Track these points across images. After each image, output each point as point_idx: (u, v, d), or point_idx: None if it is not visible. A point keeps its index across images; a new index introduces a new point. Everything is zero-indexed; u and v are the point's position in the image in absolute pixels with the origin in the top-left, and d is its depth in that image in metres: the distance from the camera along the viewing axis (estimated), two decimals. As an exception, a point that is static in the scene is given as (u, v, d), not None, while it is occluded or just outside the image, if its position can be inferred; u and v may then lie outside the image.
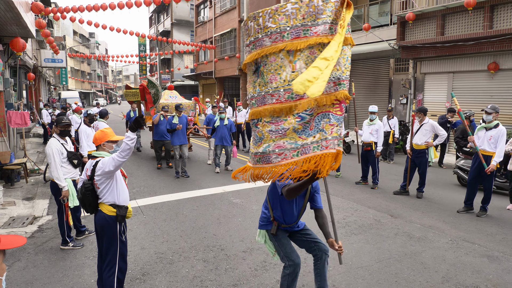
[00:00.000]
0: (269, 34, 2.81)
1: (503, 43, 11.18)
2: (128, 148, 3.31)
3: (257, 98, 2.95)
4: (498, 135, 6.47)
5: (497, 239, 5.53)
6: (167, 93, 11.90)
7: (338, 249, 3.35)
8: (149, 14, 50.73)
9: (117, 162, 3.32)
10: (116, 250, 3.47)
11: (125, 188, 3.60)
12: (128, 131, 3.36)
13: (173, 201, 7.31)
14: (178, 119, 9.45)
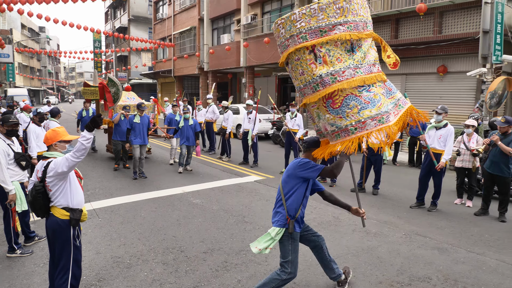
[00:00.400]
0: None
1: (451, 47, 11.81)
2: (84, 148, 3.17)
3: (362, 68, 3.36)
4: (447, 134, 6.81)
5: (446, 232, 5.82)
6: (124, 94, 11.52)
7: (362, 214, 3.80)
8: (105, 9, 49.07)
9: (71, 162, 3.17)
10: (70, 256, 3.32)
11: (79, 190, 3.45)
12: (84, 131, 3.22)
13: (130, 203, 7.11)
14: (140, 119, 9.17)
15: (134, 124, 9.09)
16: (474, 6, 11.18)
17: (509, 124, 6.31)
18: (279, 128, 15.34)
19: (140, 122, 9.13)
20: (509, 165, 6.36)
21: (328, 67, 3.31)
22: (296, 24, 3.27)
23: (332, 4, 3.23)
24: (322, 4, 3.23)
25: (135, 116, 9.19)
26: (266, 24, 20.95)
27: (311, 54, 3.30)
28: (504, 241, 5.47)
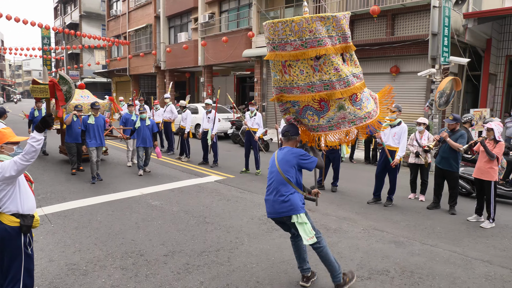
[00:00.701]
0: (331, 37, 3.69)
1: (403, 49, 12.32)
2: (34, 151, 2.98)
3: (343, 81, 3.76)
4: (401, 132, 7.09)
5: (401, 226, 6.05)
6: (78, 92, 10.84)
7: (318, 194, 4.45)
8: (53, 4, 46.82)
9: (20, 166, 2.96)
10: (21, 265, 3.10)
11: (30, 195, 3.24)
12: (34, 131, 3.03)
13: (85, 207, 6.81)
14: (95, 119, 8.68)
15: (89, 126, 8.60)
16: (423, 10, 11.72)
17: (456, 122, 6.66)
18: (238, 127, 15.32)
19: (95, 123, 8.66)
20: (458, 160, 6.72)
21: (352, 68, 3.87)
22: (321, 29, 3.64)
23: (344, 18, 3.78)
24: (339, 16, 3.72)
25: (89, 116, 8.67)
26: (224, 23, 20.86)
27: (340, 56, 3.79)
28: (454, 233, 5.76)
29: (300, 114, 4.05)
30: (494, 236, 5.63)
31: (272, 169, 4.02)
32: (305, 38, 3.61)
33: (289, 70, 3.83)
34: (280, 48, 3.73)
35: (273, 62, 3.88)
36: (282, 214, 3.89)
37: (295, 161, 3.94)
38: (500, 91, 14.30)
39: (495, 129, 5.99)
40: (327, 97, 3.84)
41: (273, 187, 3.97)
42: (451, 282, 4.23)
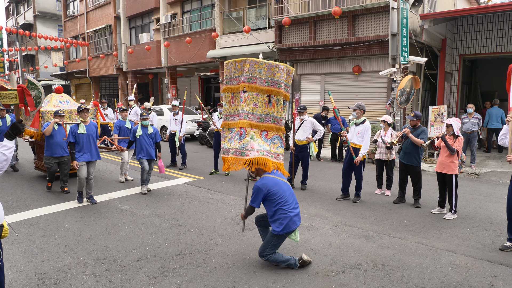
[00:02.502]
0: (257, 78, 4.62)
1: (364, 49, 12.68)
2: (5, 159, 2.85)
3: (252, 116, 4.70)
4: (364, 130, 7.30)
5: (370, 221, 6.26)
6: (55, 97, 9.15)
7: None
8: (5, 3, 44.54)
9: None
10: (-10, 277, 2.96)
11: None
12: (4, 139, 2.90)
13: (51, 214, 6.55)
14: (86, 128, 7.14)
15: (79, 136, 7.06)
16: (382, 11, 12.12)
17: (417, 118, 6.96)
18: (205, 128, 15.24)
19: (87, 133, 7.12)
20: (420, 155, 7.02)
21: (274, 111, 4.74)
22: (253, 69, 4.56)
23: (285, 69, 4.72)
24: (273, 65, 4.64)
25: (78, 125, 7.12)
26: (187, 24, 20.65)
27: (268, 97, 4.67)
28: (420, 225, 6.03)
29: (241, 134, 4.70)
30: (457, 227, 5.94)
31: (285, 185, 4.52)
32: (242, 75, 4.59)
33: (234, 100, 4.76)
34: (230, 83, 4.77)
35: (225, 94, 4.85)
36: None
37: None
38: (455, 88, 15.05)
39: (454, 125, 6.31)
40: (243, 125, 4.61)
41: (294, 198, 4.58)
42: (420, 272, 4.43)
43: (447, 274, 4.38)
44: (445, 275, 4.35)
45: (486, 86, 17.60)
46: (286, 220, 4.34)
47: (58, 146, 7.85)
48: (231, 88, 4.76)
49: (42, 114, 8.32)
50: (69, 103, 9.24)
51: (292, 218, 4.38)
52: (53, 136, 7.79)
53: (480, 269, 4.49)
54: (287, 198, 4.40)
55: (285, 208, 4.36)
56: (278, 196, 4.36)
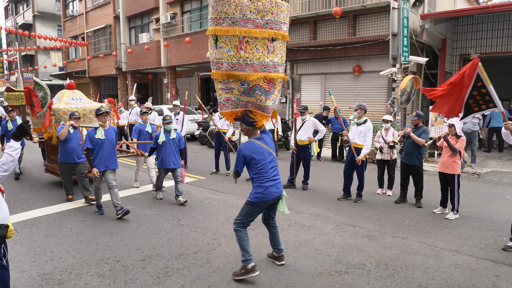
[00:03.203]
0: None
1: (365, 49, 12.70)
2: (12, 160, 2.85)
3: None
4: (366, 130, 7.31)
5: (372, 221, 6.26)
6: (67, 94, 8.38)
7: None
8: (4, 3, 44.47)
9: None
10: (-4, 277, 2.95)
11: (3, 204, 3.07)
12: (11, 141, 2.90)
13: (53, 214, 6.54)
14: (105, 132, 6.39)
15: (97, 142, 6.30)
16: (383, 11, 12.13)
17: (419, 117, 6.96)
18: (206, 128, 15.23)
19: (105, 138, 6.37)
20: (421, 155, 7.03)
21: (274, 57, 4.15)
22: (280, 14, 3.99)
23: None
24: None
25: (96, 129, 6.39)
26: (186, 24, 20.65)
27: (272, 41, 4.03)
28: (422, 225, 6.03)
29: (249, 93, 4.19)
30: (459, 227, 5.95)
31: (270, 155, 4.35)
32: (267, 19, 3.91)
33: (246, 47, 3.94)
34: (240, 24, 3.88)
35: (229, 37, 3.93)
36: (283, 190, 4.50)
37: None
38: (455, 88, 15.06)
39: (456, 125, 6.32)
40: (275, 78, 4.17)
41: (276, 169, 4.41)
42: (423, 272, 4.43)
43: (451, 274, 4.39)
44: (449, 275, 4.35)
45: (486, 86, 17.61)
46: (260, 189, 4.23)
47: (73, 151, 7.10)
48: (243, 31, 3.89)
49: (53, 112, 7.60)
50: (82, 100, 8.51)
51: (267, 188, 4.23)
52: (68, 140, 7.04)
53: (483, 269, 4.50)
54: (267, 168, 4.27)
55: (263, 177, 4.25)
56: (259, 166, 4.25)
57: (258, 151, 4.27)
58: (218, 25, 3.92)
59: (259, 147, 4.29)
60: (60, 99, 8.25)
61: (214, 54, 4.11)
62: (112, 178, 6.41)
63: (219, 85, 4.21)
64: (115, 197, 6.28)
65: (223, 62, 4.02)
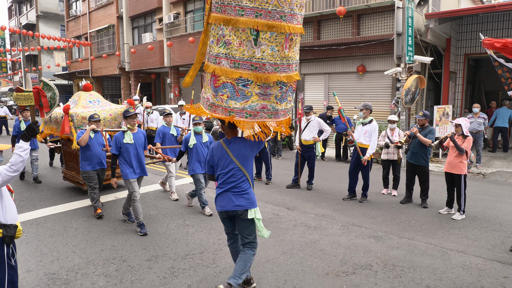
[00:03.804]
0: None
1: (369, 48, 12.65)
2: (21, 161, 2.85)
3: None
4: (372, 130, 7.27)
5: (378, 221, 6.23)
6: (84, 96, 7.75)
7: None
8: (7, 3, 44.61)
9: (6, 177, 2.82)
10: (4, 277, 2.95)
11: (12, 204, 3.08)
12: (21, 141, 2.89)
13: (58, 213, 6.55)
14: (133, 136, 5.79)
15: (126, 147, 5.72)
16: (387, 10, 12.08)
17: (426, 117, 6.93)
18: (209, 128, 15.21)
19: (134, 142, 5.79)
20: (427, 155, 6.99)
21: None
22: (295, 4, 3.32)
23: None
24: None
25: (124, 133, 5.77)
26: (189, 23, 20.64)
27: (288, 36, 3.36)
28: (428, 226, 6.00)
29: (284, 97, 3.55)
30: (466, 227, 5.91)
31: (228, 164, 3.70)
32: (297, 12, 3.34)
33: (290, 45, 3.39)
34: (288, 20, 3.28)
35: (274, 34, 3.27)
36: (247, 207, 3.69)
37: (254, 147, 3.73)
38: (460, 88, 15.00)
39: (463, 125, 6.29)
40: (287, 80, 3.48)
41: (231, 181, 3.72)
42: (431, 273, 4.41)
43: (459, 275, 4.36)
44: (457, 276, 4.32)
45: (490, 85, 17.54)
46: (216, 195, 3.83)
47: (96, 158, 6.51)
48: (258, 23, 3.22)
49: (71, 117, 7.05)
50: (100, 103, 7.95)
51: (216, 197, 3.80)
52: (89, 146, 6.43)
53: (491, 270, 4.47)
54: (221, 175, 3.74)
55: (218, 182, 3.82)
56: (217, 169, 3.81)
57: (221, 155, 3.75)
58: (259, 17, 3.21)
59: (223, 150, 3.73)
60: (76, 103, 7.65)
61: (251, 52, 3.29)
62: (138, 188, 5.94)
63: (256, 89, 3.38)
64: (135, 210, 5.75)
65: (266, 63, 3.33)
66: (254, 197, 3.75)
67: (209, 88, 3.51)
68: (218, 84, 3.39)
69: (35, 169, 9.05)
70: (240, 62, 3.33)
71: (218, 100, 3.44)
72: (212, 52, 3.40)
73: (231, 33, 3.28)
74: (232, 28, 3.26)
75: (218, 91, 3.42)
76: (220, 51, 3.34)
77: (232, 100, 3.40)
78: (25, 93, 3.35)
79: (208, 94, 3.54)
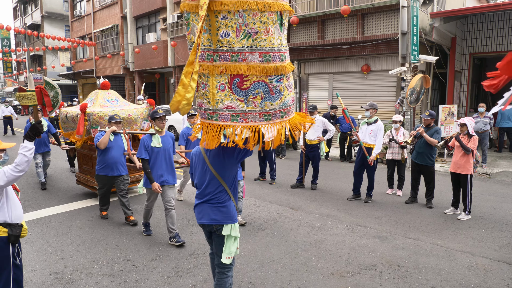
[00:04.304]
0: None
1: (373, 47, 12.59)
2: (26, 160, 2.85)
3: None
4: (377, 129, 7.24)
5: (383, 221, 6.20)
6: (101, 95, 7.36)
7: None
8: (12, 4, 44.85)
9: (11, 176, 2.83)
10: (9, 277, 2.96)
11: (17, 203, 3.09)
12: (25, 141, 2.90)
13: (63, 213, 6.56)
14: (162, 140, 5.28)
15: (156, 151, 5.21)
16: (392, 9, 12.02)
17: (432, 117, 6.88)
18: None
19: (163, 147, 5.25)
20: (433, 155, 6.95)
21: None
22: None
23: None
24: None
25: (152, 137, 5.26)
26: (194, 23, 20.65)
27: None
28: (434, 226, 5.96)
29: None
30: (472, 228, 5.86)
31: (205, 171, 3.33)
32: None
33: None
34: None
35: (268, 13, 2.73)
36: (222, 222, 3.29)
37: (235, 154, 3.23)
38: (465, 87, 14.91)
39: (468, 124, 6.24)
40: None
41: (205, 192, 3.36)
42: (436, 273, 4.37)
43: (465, 276, 4.32)
44: (463, 277, 4.28)
45: (496, 85, 17.43)
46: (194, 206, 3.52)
47: (115, 162, 6.09)
48: None
49: (88, 117, 6.75)
50: (119, 102, 7.50)
51: (194, 207, 3.47)
52: (108, 149, 6.02)
53: (498, 271, 4.43)
54: (198, 184, 3.44)
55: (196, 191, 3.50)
56: (195, 177, 3.51)
57: (196, 162, 3.46)
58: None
59: (200, 156, 3.41)
60: (94, 101, 7.27)
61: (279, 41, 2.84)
62: (171, 196, 5.31)
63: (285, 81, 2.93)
64: (170, 220, 5.20)
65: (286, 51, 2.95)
66: (232, 211, 3.31)
67: (229, 94, 2.82)
68: (248, 85, 2.80)
69: (44, 172, 8.44)
70: (271, 53, 2.81)
71: (250, 105, 2.84)
72: (229, 47, 2.74)
73: (255, 19, 2.71)
74: (256, 14, 2.69)
75: (249, 93, 2.82)
76: (244, 43, 2.75)
77: (267, 101, 2.87)
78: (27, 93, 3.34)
79: (227, 102, 2.84)
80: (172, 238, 5.18)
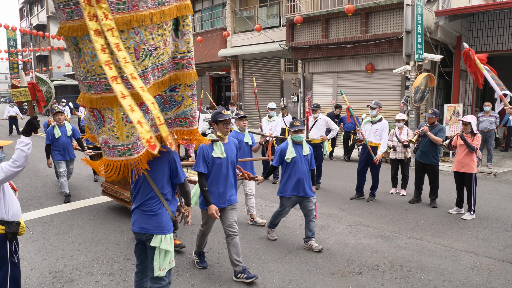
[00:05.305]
0: None
1: (377, 46, 12.51)
2: (24, 156, 2.85)
3: None
4: (382, 128, 7.17)
5: (386, 221, 6.13)
6: None
7: None
8: (19, 5, 45.19)
9: (9, 172, 2.82)
10: (7, 274, 2.95)
11: (15, 201, 3.08)
12: (22, 136, 2.90)
13: (64, 212, 6.57)
14: (225, 148, 4.15)
15: (215, 163, 4.08)
16: (396, 8, 11.94)
17: (435, 115, 6.81)
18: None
19: (227, 156, 4.12)
20: (438, 154, 6.87)
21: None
22: None
23: None
24: None
25: (214, 144, 4.08)
26: (198, 23, 20.66)
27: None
28: (437, 225, 5.89)
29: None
30: (476, 227, 5.79)
31: None
32: None
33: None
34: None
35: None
36: (145, 230, 3.08)
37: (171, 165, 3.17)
38: (470, 86, 14.78)
39: (472, 122, 6.16)
40: None
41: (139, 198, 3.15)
42: (439, 274, 4.31)
43: (468, 276, 4.26)
44: (466, 277, 4.22)
45: (502, 84, 17.28)
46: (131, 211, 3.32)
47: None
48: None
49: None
50: None
51: (131, 213, 3.27)
52: None
53: (502, 271, 4.36)
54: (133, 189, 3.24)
55: None
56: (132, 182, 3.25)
57: None
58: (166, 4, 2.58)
59: None
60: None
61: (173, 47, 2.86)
62: (234, 219, 4.21)
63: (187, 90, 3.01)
64: (235, 250, 4.12)
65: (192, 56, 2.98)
66: (166, 221, 3.06)
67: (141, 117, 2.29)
68: None
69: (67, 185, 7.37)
70: (166, 66, 2.66)
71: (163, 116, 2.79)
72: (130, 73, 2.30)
73: (153, 34, 2.45)
74: (153, 27, 2.44)
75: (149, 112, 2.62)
76: (146, 64, 2.48)
77: (162, 111, 2.83)
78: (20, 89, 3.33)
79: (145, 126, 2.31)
80: (240, 273, 4.08)
